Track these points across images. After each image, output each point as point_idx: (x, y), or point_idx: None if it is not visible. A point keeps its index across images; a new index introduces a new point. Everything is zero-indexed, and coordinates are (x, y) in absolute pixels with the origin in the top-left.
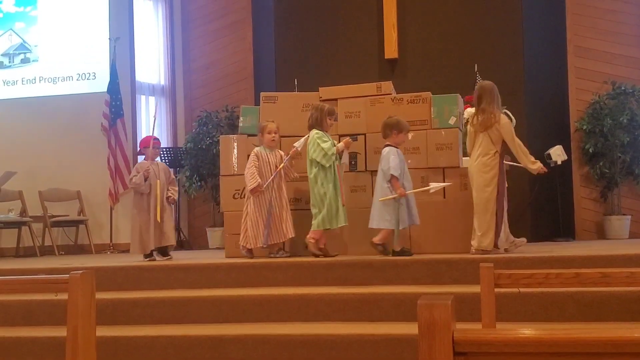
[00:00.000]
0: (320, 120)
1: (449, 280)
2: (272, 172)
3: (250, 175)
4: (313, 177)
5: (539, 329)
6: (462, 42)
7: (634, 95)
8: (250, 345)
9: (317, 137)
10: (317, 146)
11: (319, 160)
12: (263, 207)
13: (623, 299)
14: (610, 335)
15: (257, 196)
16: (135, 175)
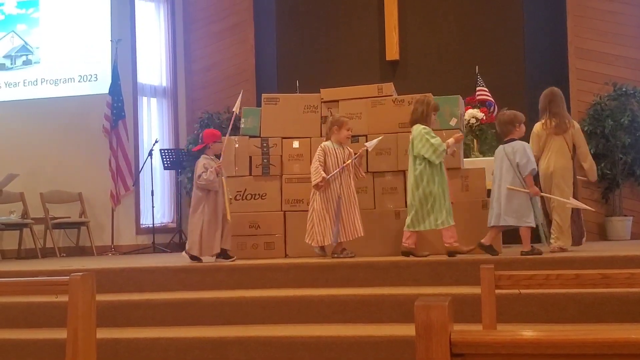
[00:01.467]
0: (426, 115)
1: (450, 281)
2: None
3: (314, 170)
4: (419, 174)
5: (537, 331)
6: (463, 44)
7: (635, 97)
8: (251, 347)
9: (425, 133)
10: (426, 142)
11: (428, 157)
12: (331, 203)
13: (624, 300)
14: (607, 336)
15: (324, 192)
16: (204, 171)
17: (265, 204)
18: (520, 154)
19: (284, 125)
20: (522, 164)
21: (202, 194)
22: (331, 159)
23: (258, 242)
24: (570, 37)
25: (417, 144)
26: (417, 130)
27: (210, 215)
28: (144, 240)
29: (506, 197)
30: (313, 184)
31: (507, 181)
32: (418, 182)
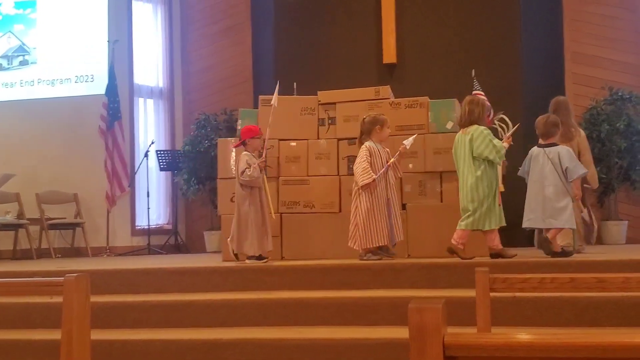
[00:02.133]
0: (482, 116)
1: (446, 284)
2: (382, 168)
3: (363, 170)
4: (481, 175)
5: (530, 334)
6: (459, 48)
7: (631, 101)
8: (246, 349)
9: (487, 134)
10: (489, 143)
11: (492, 158)
12: (382, 204)
13: (619, 305)
14: (601, 340)
15: (371, 193)
16: (248, 167)
17: None
18: (568, 158)
19: (281, 127)
20: (571, 167)
21: (245, 192)
22: (376, 158)
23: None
24: (567, 42)
25: (480, 145)
26: (478, 131)
27: (255, 213)
28: (139, 241)
29: (549, 200)
30: (362, 184)
31: (553, 184)
32: (479, 183)
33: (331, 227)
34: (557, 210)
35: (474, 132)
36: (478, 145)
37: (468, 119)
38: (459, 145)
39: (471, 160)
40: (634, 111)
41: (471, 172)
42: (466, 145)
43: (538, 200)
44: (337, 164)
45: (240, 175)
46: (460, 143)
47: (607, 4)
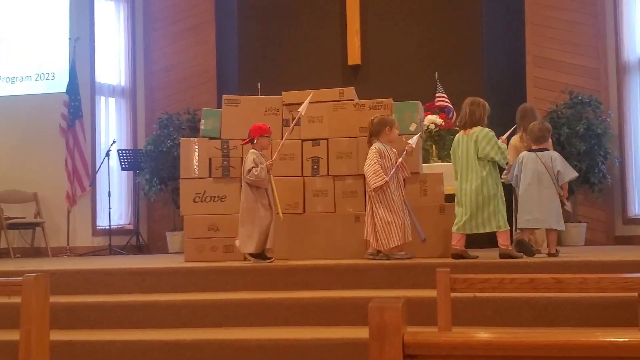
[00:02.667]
0: (483, 117)
1: (408, 284)
2: (391, 169)
3: (374, 172)
4: (486, 176)
5: (489, 332)
6: (423, 50)
7: (591, 105)
8: (207, 350)
9: (492, 135)
10: (495, 144)
11: (497, 159)
12: (398, 204)
13: (577, 305)
14: (558, 339)
15: (385, 193)
16: (255, 167)
17: (225, 207)
18: (560, 162)
19: (245, 128)
20: (562, 171)
21: (251, 191)
22: (386, 160)
23: (217, 245)
24: (529, 46)
25: (486, 147)
26: (483, 133)
27: (263, 212)
28: (100, 242)
29: (545, 202)
30: (375, 187)
31: (548, 187)
32: (484, 183)
33: (295, 228)
34: (554, 212)
35: (479, 134)
36: (484, 147)
37: (470, 120)
38: (460, 146)
39: (476, 162)
40: (593, 115)
41: (476, 172)
42: (470, 146)
43: (535, 203)
44: (301, 164)
45: (246, 174)
46: (462, 144)
47: (568, 9)
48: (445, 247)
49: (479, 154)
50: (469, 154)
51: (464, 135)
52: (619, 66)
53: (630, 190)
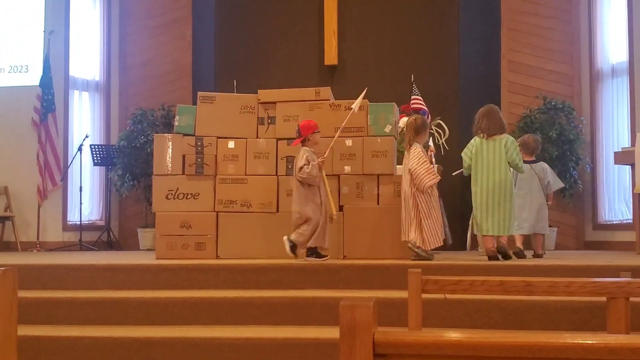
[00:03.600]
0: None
1: (380, 285)
2: None
3: (427, 170)
4: (512, 181)
5: (458, 333)
6: (400, 52)
7: (564, 111)
8: (177, 348)
9: (517, 144)
10: (519, 152)
11: (520, 166)
12: (435, 204)
13: (546, 308)
14: (527, 340)
15: (431, 193)
16: (306, 164)
17: (198, 204)
18: (551, 173)
19: (220, 125)
20: (552, 181)
21: (303, 189)
22: None
23: (189, 243)
24: (504, 51)
25: (513, 153)
26: (510, 140)
27: (318, 210)
28: (70, 237)
29: (538, 210)
30: (429, 184)
31: (541, 196)
32: (508, 184)
33: (268, 227)
34: (544, 218)
35: (507, 140)
36: (512, 153)
37: (501, 128)
38: (487, 150)
39: (502, 165)
40: (566, 121)
41: (505, 174)
42: (498, 151)
43: (530, 210)
44: (275, 163)
45: (298, 171)
46: (489, 149)
47: (543, 15)
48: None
49: (508, 159)
50: (495, 158)
51: (491, 141)
52: (592, 73)
53: (600, 196)
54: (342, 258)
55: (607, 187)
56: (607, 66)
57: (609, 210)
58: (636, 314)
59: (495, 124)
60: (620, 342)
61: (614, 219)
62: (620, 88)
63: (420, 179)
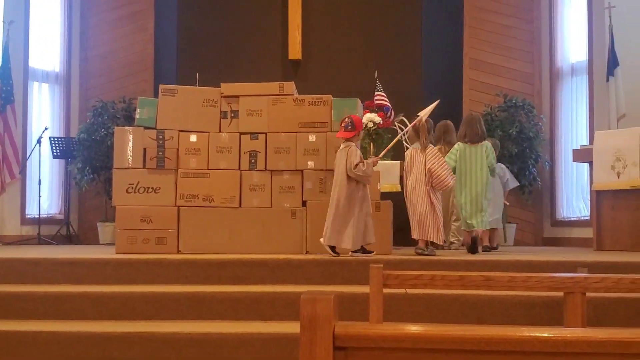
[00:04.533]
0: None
1: (341, 280)
2: None
3: (449, 170)
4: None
5: (417, 326)
6: (363, 48)
7: (524, 109)
8: (137, 343)
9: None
10: (495, 157)
11: (494, 170)
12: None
13: (504, 303)
14: (484, 333)
15: (442, 192)
16: (361, 162)
17: (159, 198)
18: (508, 172)
19: (182, 118)
20: (510, 180)
21: (350, 185)
22: None
23: (149, 237)
24: (466, 48)
25: (492, 158)
26: (489, 146)
27: (360, 207)
28: (29, 231)
29: (500, 206)
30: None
31: (500, 194)
32: (489, 188)
33: (230, 222)
34: (502, 214)
35: (487, 146)
36: (491, 158)
37: (481, 135)
38: (471, 155)
39: (486, 168)
40: (526, 119)
41: (486, 176)
42: (480, 156)
43: (493, 207)
44: (238, 158)
45: (353, 168)
46: (472, 154)
47: (505, 14)
48: (381, 243)
49: (488, 163)
50: (477, 161)
51: (474, 147)
52: (553, 72)
53: (558, 193)
54: (305, 253)
55: (566, 184)
56: (567, 65)
57: (567, 207)
58: (592, 308)
59: (474, 132)
60: (575, 335)
61: (571, 216)
62: (579, 87)
63: (442, 179)
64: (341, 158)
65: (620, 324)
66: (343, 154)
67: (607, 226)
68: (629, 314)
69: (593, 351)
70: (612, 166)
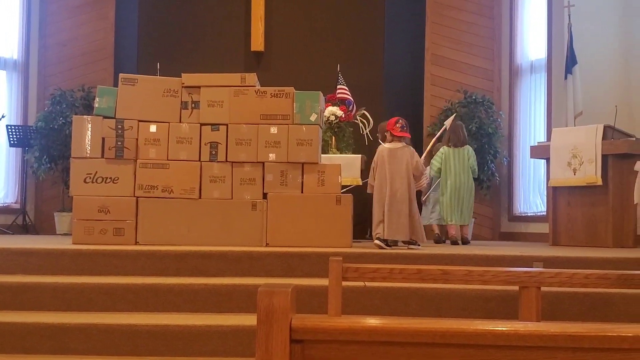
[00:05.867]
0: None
1: (302, 273)
2: None
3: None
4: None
5: (374, 319)
6: (326, 41)
7: (483, 105)
8: (93, 334)
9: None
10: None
11: (476, 172)
12: None
13: (462, 296)
14: (440, 326)
15: None
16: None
17: (117, 189)
18: None
19: (142, 108)
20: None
21: (412, 181)
22: None
23: (107, 228)
24: (428, 44)
25: (473, 161)
26: (471, 150)
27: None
28: None
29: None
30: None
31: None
32: (472, 188)
33: (190, 213)
34: None
35: (469, 150)
36: (473, 161)
37: (463, 140)
38: (454, 157)
39: (468, 170)
40: (486, 114)
41: (468, 176)
42: (463, 158)
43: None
44: (199, 149)
45: (421, 168)
46: (456, 157)
47: (466, 10)
48: (341, 237)
49: (470, 165)
50: (461, 164)
51: (458, 150)
52: (512, 69)
53: (516, 188)
54: (265, 246)
55: (523, 180)
56: (527, 62)
57: (524, 202)
58: (547, 303)
59: (462, 137)
60: (528, 329)
61: (528, 211)
62: (538, 84)
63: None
64: (402, 156)
65: (573, 318)
66: (406, 152)
67: (562, 222)
68: (582, 309)
69: (545, 345)
70: (569, 163)
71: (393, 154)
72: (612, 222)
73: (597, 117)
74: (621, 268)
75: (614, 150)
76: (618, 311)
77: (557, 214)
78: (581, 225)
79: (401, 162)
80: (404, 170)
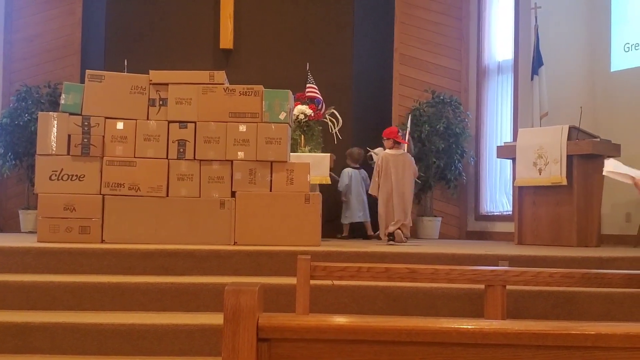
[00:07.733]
0: None
1: (270, 272)
2: None
3: None
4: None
5: (341, 317)
6: (296, 40)
7: (451, 105)
8: (58, 333)
9: None
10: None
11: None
12: None
13: (428, 295)
14: (405, 324)
15: None
16: None
17: (83, 186)
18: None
19: (109, 105)
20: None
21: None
22: None
23: (72, 226)
24: (396, 44)
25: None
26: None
27: None
28: None
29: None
30: None
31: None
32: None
33: (157, 212)
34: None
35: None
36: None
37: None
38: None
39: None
40: (453, 115)
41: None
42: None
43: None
44: (166, 147)
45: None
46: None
47: (435, 11)
48: (310, 236)
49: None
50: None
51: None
52: (479, 69)
53: (482, 188)
54: (233, 244)
55: (489, 179)
56: (494, 63)
57: (490, 201)
58: (512, 301)
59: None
60: (492, 327)
61: (494, 211)
62: (505, 85)
63: None
64: (406, 161)
65: (538, 316)
66: (407, 158)
67: (528, 221)
68: (547, 307)
69: (510, 343)
70: (534, 163)
71: (398, 160)
72: (576, 222)
73: (563, 118)
74: (585, 267)
75: (579, 151)
76: (581, 309)
77: (523, 214)
78: (546, 225)
79: (405, 167)
80: (407, 176)
